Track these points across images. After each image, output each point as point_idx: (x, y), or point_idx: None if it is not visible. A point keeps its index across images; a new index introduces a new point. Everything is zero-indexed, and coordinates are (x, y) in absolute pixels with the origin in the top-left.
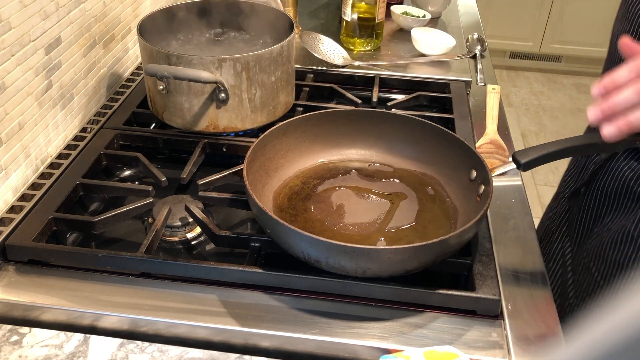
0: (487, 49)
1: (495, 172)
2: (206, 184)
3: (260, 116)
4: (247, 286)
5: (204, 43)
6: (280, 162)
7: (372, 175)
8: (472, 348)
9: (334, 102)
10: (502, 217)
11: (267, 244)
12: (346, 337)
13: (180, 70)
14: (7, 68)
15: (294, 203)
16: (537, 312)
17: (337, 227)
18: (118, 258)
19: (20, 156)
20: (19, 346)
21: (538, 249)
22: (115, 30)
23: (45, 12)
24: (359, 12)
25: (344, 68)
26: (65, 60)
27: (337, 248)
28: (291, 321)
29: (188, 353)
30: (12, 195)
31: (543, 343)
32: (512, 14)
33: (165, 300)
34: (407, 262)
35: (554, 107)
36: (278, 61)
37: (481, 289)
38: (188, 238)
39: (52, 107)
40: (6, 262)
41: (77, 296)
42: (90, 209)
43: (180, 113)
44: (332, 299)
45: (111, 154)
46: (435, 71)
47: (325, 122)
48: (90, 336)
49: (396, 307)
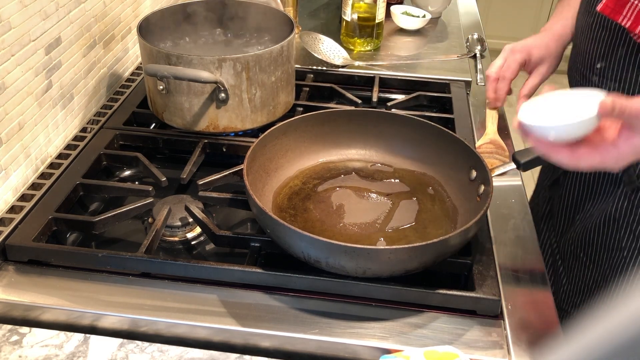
0: (487, 49)
1: (495, 172)
2: (206, 184)
3: (260, 116)
4: (247, 286)
5: (204, 43)
6: (280, 162)
7: (372, 175)
8: (472, 348)
9: (334, 102)
10: (502, 217)
11: (267, 244)
12: (346, 337)
13: (180, 70)
14: (7, 68)
15: (294, 203)
16: (537, 312)
17: (337, 227)
18: (118, 258)
19: (20, 156)
20: (19, 346)
21: (538, 249)
22: (115, 30)
23: (45, 12)
24: (359, 12)
25: (344, 68)
26: (65, 60)
27: (337, 248)
28: (291, 321)
29: (188, 353)
30: (12, 195)
31: (543, 343)
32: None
33: (165, 300)
34: (407, 262)
35: None
36: (278, 61)
37: (481, 289)
38: (188, 238)
39: (52, 107)
40: (6, 262)
41: (77, 296)
42: (90, 209)
43: (180, 113)
44: (332, 299)
45: (111, 154)
46: (435, 71)
47: (325, 122)
48: (90, 336)
49: (396, 307)
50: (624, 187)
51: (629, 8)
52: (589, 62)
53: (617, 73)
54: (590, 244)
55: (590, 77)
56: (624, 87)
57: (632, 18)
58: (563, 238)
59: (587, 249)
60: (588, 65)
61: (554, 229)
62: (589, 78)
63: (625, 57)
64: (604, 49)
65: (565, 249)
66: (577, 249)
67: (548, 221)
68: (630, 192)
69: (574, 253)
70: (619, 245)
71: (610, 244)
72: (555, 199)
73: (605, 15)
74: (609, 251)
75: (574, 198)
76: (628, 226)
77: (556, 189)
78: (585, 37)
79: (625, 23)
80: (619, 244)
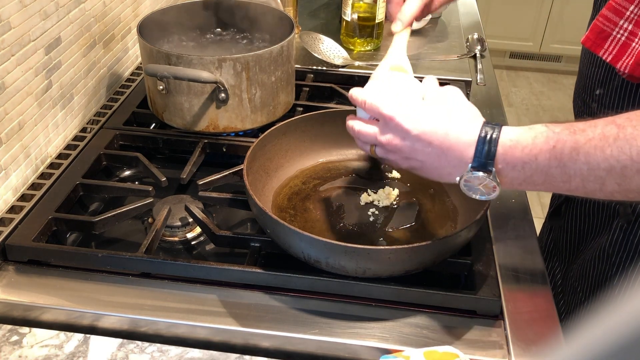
0: (487, 49)
1: None
2: (206, 184)
3: (260, 116)
4: (247, 286)
5: (204, 43)
6: (280, 162)
7: (372, 175)
8: (472, 348)
9: (334, 102)
10: (502, 217)
11: (267, 244)
12: (346, 337)
13: (180, 70)
14: (7, 68)
15: (294, 203)
16: (537, 312)
17: (337, 227)
18: (118, 258)
19: (20, 156)
20: (19, 346)
21: (538, 249)
22: (115, 30)
23: (45, 12)
24: (359, 12)
25: (344, 68)
26: (65, 60)
27: (337, 248)
28: (291, 321)
29: (188, 353)
30: (12, 195)
31: (543, 343)
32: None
33: (165, 300)
34: (407, 262)
35: (554, 107)
36: (278, 61)
37: (481, 289)
38: (188, 238)
39: (52, 107)
40: (6, 262)
41: (77, 296)
42: (90, 209)
43: (180, 113)
44: (332, 299)
45: (111, 154)
46: (435, 71)
47: (325, 122)
48: (90, 336)
49: (396, 307)
50: (619, 219)
51: (610, 41)
52: (589, 88)
53: (614, 102)
54: (586, 279)
55: (590, 103)
56: None
57: (614, 52)
58: (568, 270)
59: (584, 284)
60: (588, 91)
61: (559, 259)
62: (588, 104)
63: (621, 86)
64: (603, 75)
65: (567, 282)
66: (576, 282)
67: (551, 250)
68: (626, 224)
69: (573, 287)
70: (610, 283)
71: (601, 280)
72: (557, 230)
73: (587, 48)
74: (600, 289)
75: (577, 229)
76: (621, 263)
77: (557, 219)
78: (587, 61)
79: (607, 57)
80: (610, 281)
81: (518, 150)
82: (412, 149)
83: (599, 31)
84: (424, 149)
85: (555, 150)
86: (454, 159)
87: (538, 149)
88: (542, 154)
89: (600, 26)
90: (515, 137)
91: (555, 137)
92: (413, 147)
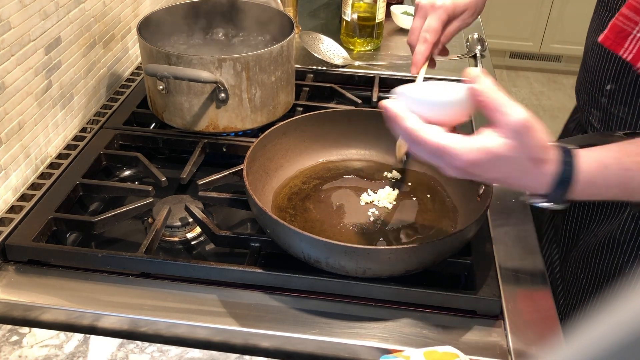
0: (487, 49)
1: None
2: (206, 184)
3: (260, 116)
4: (247, 286)
5: (204, 43)
6: (280, 162)
7: (372, 175)
8: (472, 348)
9: (334, 102)
10: (502, 217)
11: (267, 244)
12: (346, 337)
13: (180, 70)
14: (7, 68)
15: (294, 203)
16: (537, 312)
17: (337, 227)
18: (118, 258)
19: (20, 156)
20: (19, 346)
21: (538, 249)
22: (115, 30)
23: (45, 12)
24: (359, 12)
25: (344, 68)
26: (65, 60)
27: (337, 248)
28: (291, 321)
29: (188, 353)
30: (12, 195)
31: (543, 343)
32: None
33: (165, 300)
34: (407, 262)
35: (554, 107)
36: (278, 61)
37: (481, 289)
38: (188, 238)
39: (52, 107)
40: (6, 262)
41: (77, 296)
42: (90, 209)
43: (180, 113)
44: (332, 299)
45: (111, 154)
46: (435, 71)
47: (325, 122)
48: (90, 336)
49: (396, 307)
50: (631, 209)
51: (630, 41)
52: (598, 83)
53: (627, 97)
54: (592, 267)
55: (599, 98)
56: (633, 112)
57: (634, 52)
58: (566, 257)
59: (589, 271)
60: (597, 86)
61: (558, 246)
62: (597, 99)
63: (636, 81)
64: (614, 70)
65: (566, 269)
66: (578, 270)
67: (551, 238)
68: (639, 213)
69: (574, 274)
70: (621, 271)
71: (611, 268)
72: (559, 216)
73: (606, 47)
74: (610, 277)
75: (579, 217)
76: (633, 251)
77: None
78: (596, 55)
79: (627, 56)
80: (621, 268)
81: (595, 188)
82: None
83: (619, 30)
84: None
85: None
86: (526, 188)
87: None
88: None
89: (620, 25)
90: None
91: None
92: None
